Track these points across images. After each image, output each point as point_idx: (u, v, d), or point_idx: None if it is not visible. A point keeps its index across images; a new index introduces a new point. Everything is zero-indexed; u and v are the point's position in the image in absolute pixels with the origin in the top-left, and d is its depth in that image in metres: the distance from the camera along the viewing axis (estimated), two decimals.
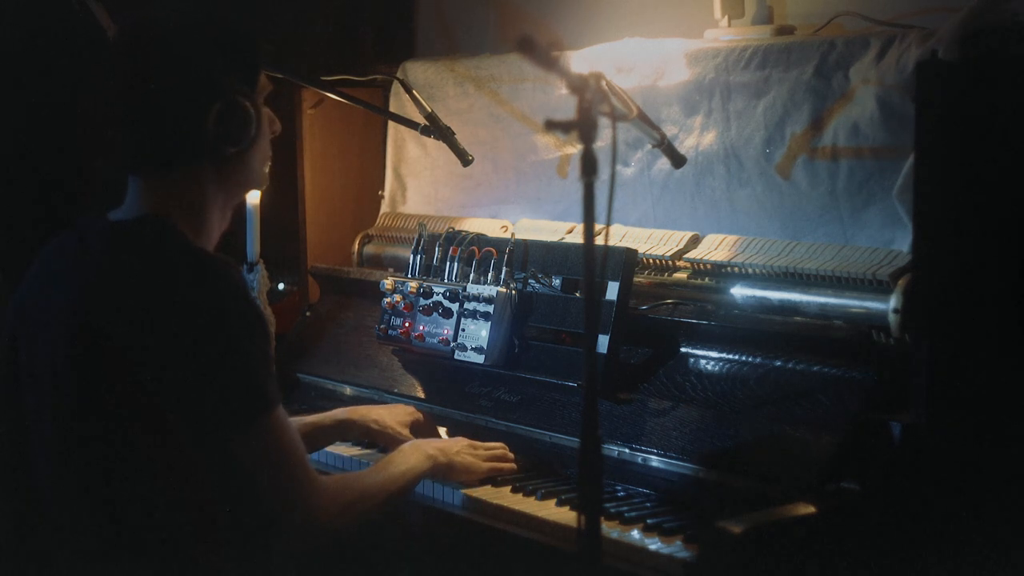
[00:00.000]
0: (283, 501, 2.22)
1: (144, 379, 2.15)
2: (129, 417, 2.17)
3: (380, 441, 2.94)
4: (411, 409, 2.99)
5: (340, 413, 2.90)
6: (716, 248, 2.93)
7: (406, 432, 2.90)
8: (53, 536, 2.28)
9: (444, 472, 2.67)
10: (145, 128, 2.26)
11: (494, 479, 2.73)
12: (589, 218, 1.92)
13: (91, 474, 2.21)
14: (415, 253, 3.25)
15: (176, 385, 2.15)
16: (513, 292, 3.01)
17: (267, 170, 2.39)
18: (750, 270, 2.84)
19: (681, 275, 2.98)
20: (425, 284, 3.15)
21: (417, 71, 3.63)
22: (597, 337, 2.74)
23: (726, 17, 3.14)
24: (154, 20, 2.29)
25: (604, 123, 1.95)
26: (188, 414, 2.16)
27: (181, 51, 2.25)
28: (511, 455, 2.81)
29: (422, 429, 2.96)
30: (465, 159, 3.33)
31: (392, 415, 2.93)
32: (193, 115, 2.24)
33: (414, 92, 3.39)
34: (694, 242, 3.00)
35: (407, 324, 3.17)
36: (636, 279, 2.90)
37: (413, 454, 2.61)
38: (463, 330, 3.05)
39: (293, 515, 2.23)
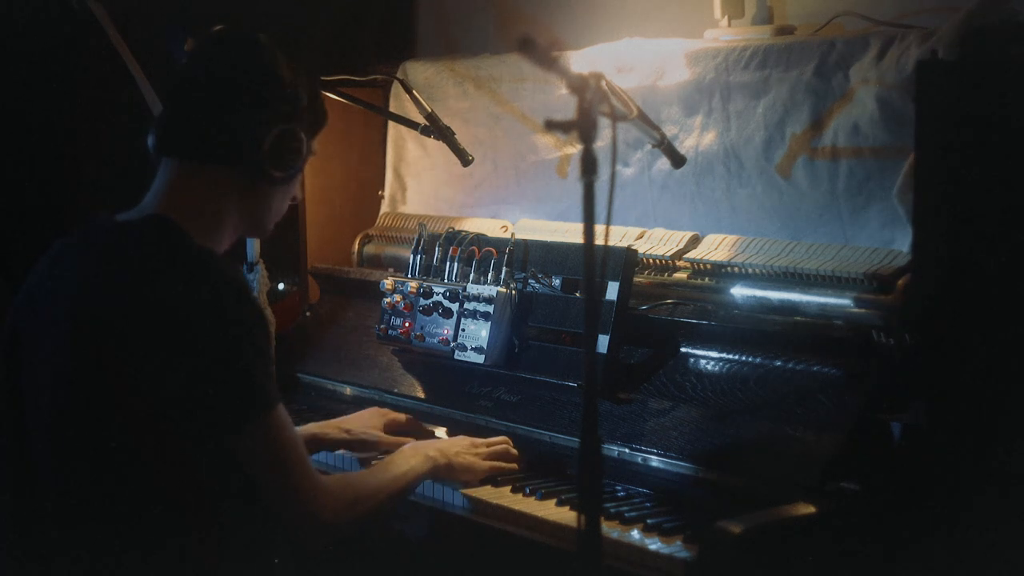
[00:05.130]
0: (284, 499, 2.22)
1: (144, 377, 2.15)
2: (129, 416, 2.17)
3: (356, 449, 2.90)
4: (382, 410, 2.98)
5: (313, 427, 2.87)
6: (716, 248, 2.93)
7: (379, 432, 2.89)
8: (53, 534, 2.28)
9: (444, 473, 2.67)
10: (215, 113, 2.30)
11: (494, 479, 2.73)
12: (589, 218, 1.92)
13: (91, 472, 2.21)
14: (415, 253, 3.25)
15: (175, 384, 2.15)
16: (513, 292, 3.01)
17: (273, 225, 2.43)
18: (750, 270, 2.84)
19: (681, 275, 2.98)
20: (425, 284, 3.15)
21: (417, 71, 3.63)
22: (597, 337, 2.74)
23: (726, 17, 3.14)
24: (259, 36, 2.36)
25: (604, 123, 1.95)
26: (187, 413, 2.16)
27: (278, 67, 2.32)
28: (514, 451, 2.81)
29: (403, 427, 2.95)
30: (465, 159, 3.33)
31: (360, 421, 2.92)
32: (260, 122, 2.29)
33: (414, 92, 3.39)
34: (694, 242, 3.00)
35: (407, 324, 3.17)
36: (636, 279, 2.90)
37: (413, 456, 2.61)
38: (463, 330, 3.05)
39: (294, 514, 2.24)
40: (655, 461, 2.64)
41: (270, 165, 2.31)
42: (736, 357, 2.71)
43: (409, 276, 3.24)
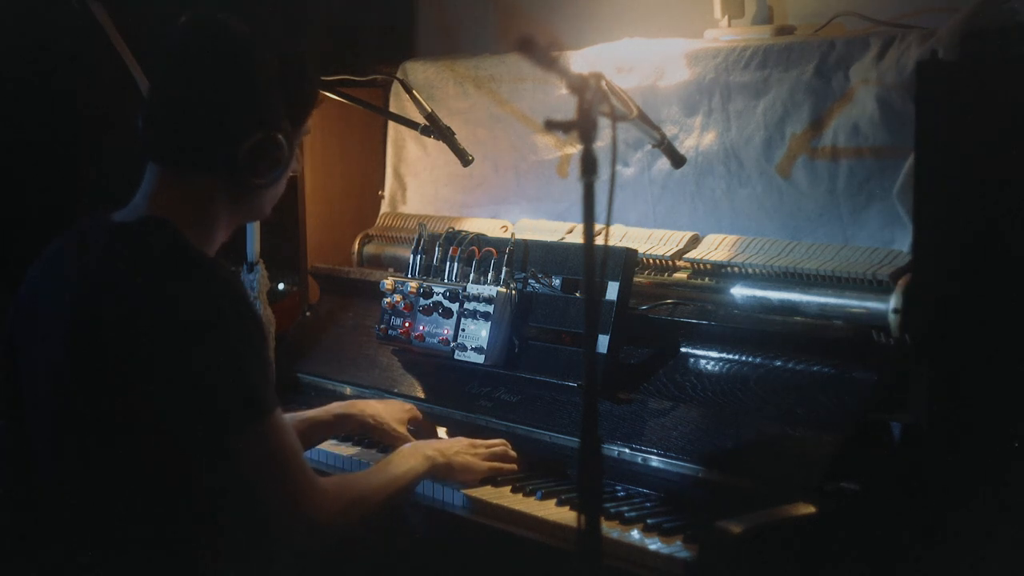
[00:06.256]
0: (282, 504, 2.22)
1: (141, 379, 2.15)
2: (128, 416, 2.16)
3: (376, 436, 2.94)
4: (408, 406, 2.99)
5: (337, 407, 2.90)
6: (716, 248, 2.93)
7: (403, 429, 2.90)
8: (53, 536, 2.28)
9: (443, 473, 2.67)
10: (187, 122, 2.26)
11: (494, 479, 2.73)
12: (589, 218, 1.92)
13: (90, 476, 2.21)
14: (415, 253, 3.25)
15: (172, 386, 2.14)
16: (513, 292, 3.01)
17: (270, 208, 2.41)
18: (750, 270, 2.84)
19: (681, 275, 2.98)
20: (425, 284, 3.15)
21: (417, 71, 3.63)
22: (597, 337, 2.74)
23: (726, 17, 3.14)
24: (233, 26, 2.27)
25: (604, 123, 1.95)
26: (184, 418, 2.15)
27: (252, 69, 2.25)
28: (512, 453, 2.81)
29: (419, 428, 2.96)
30: (465, 159, 3.33)
31: (389, 411, 2.93)
32: (235, 132, 2.25)
33: (414, 92, 3.39)
34: (694, 242, 3.00)
35: (407, 324, 3.17)
36: (636, 279, 2.90)
37: (412, 455, 2.61)
38: (463, 330, 3.04)
39: (292, 518, 2.23)
40: (655, 461, 2.64)
41: (250, 175, 2.28)
42: (736, 357, 2.71)
43: (409, 276, 3.24)
